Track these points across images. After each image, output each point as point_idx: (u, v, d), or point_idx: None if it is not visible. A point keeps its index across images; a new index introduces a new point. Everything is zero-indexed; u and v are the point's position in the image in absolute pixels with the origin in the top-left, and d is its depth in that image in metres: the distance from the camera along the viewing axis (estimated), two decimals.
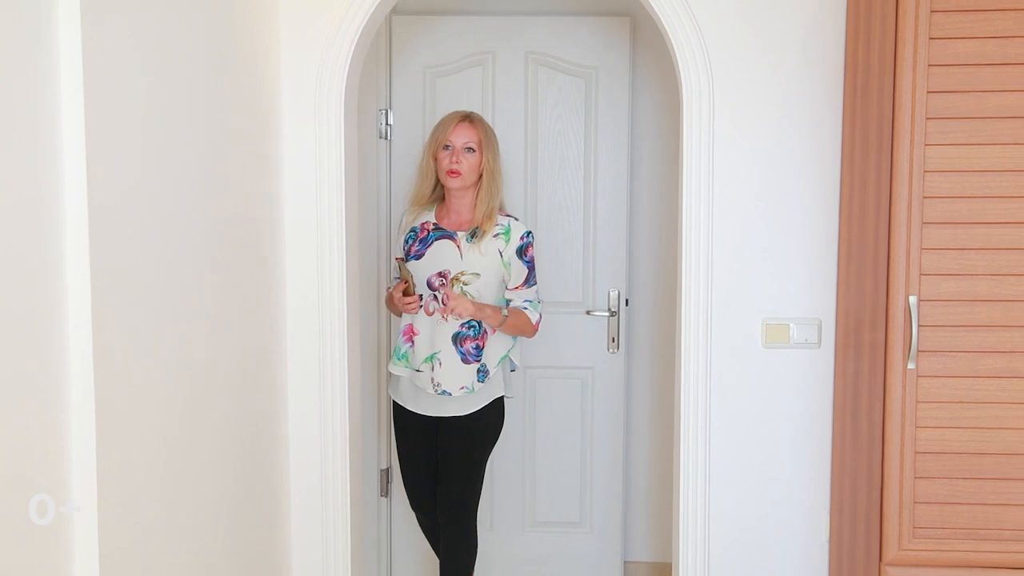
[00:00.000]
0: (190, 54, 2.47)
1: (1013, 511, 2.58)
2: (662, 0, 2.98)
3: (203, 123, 2.56)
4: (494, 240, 3.30)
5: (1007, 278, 2.52)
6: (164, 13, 2.34)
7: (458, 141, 3.28)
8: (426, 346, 3.31)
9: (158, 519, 2.33)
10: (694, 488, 3.14)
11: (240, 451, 2.82)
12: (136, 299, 2.27)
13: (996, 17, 2.44)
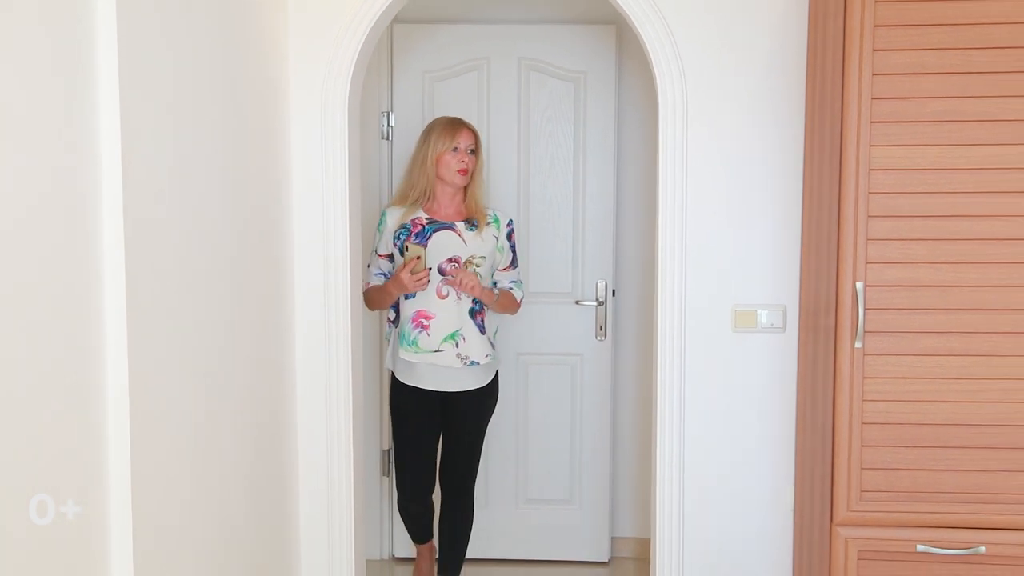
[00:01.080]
0: (211, 67, 2.66)
1: (950, 476, 2.74)
2: (641, 17, 3.18)
3: (222, 130, 2.75)
4: (488, 228, 3.60)
5: (945, 265, 2.70)
6: (188, 30, 2.53)
7: (464, 144, 3.54)
8: (445, 326, 3.51)
9: (186, 501, 2.53)
10: (670, 464, 3.34)
11: (255, 436, 3.02)
12: (166, 298, 2.43)
13: (933, 31, 2.61)
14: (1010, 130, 2.65)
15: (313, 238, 3.37)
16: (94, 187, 2.11)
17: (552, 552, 4.48)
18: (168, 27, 2.42)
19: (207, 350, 2.69)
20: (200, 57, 2.61)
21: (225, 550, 2.81)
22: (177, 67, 2.46)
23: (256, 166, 3.04)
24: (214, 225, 2.70)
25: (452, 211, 3.61)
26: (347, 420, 3.42)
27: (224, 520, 2.80)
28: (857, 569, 2.80)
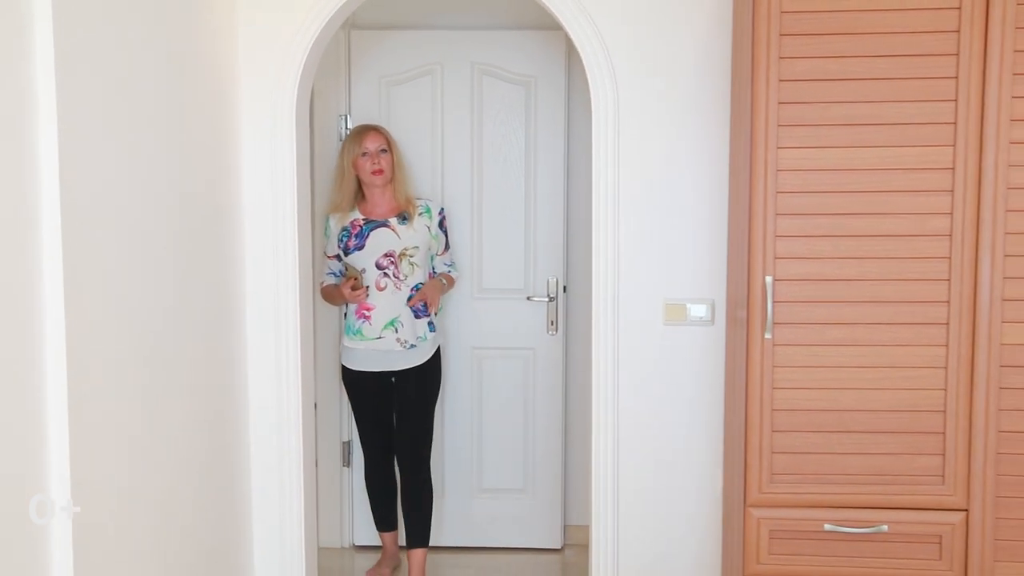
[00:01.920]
0: (154, 73, 2.80)
1: (854, 459, 2.87)
2: (575, 26, 3.35)
3: (165, 127, 2.88)
4: (420, 218, 3.96)
5: (848, 260, 2.82)
6: (128, 31, 2.66)
7: (373, 147, 3.88)
8: (385, 315, 3.91)
9: (128, 499, 2.65)
10: (605, 452, 3.51)
11: (205, 428, 3.17)
12: (106, 290, 2.55)
13: (834, 40, 2.75)
14: (906, 133, 2.79)
15: (264, 237, 3.53)
16: (35, 186, 2.24)
17: (507, 539, 4.64)
18: (108, 32, 2.55)
19: (152, 348, 2.82)
20: (142, 64, 2.74)
21: (173, 540, 2.94)
22: (118, 73, 2.60)
23: (205, 168, 3.19)
24: (160, 223, 2.84)
25: (384, 208, 3.95)
26: (297, 410, 3.57)
27: (172, 510, 2.93)
28: (769, 547, 2.93)
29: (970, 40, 2.75)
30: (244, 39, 3.47)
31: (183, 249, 3.04)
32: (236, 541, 3.52)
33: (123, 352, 2.68)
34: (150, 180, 2.79)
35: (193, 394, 3.14)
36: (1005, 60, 2.74)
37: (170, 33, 2.96)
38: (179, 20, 3.02)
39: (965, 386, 2.85)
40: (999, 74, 2.74)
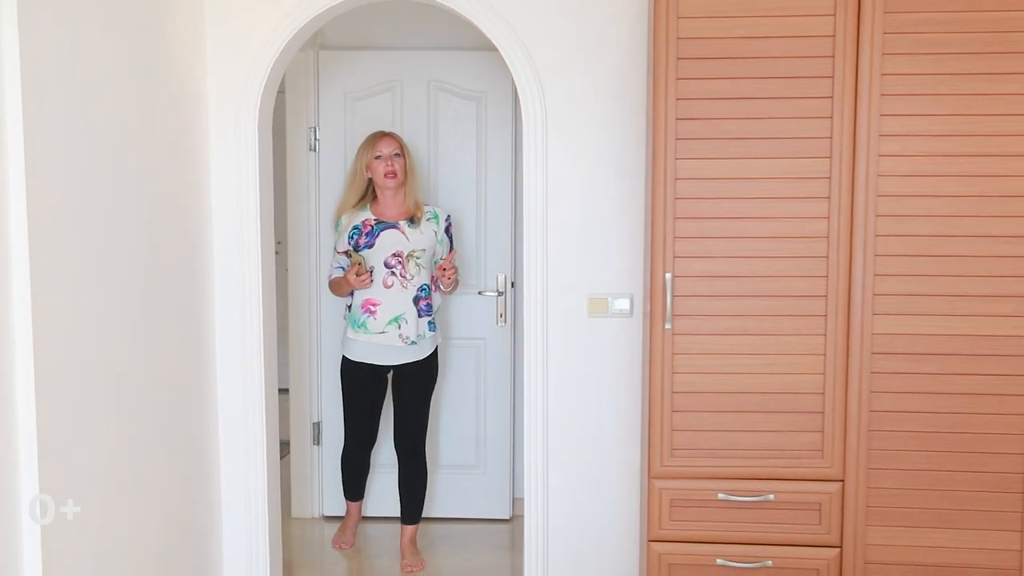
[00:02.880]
0: (121, 86, 2.87)
1: (745, 436, 2.97)
2: (507, 47, 3.45)
3: (132, 135, 2.96)
4: (428, 223, 3.93)
5: (738, 259, 2.92)
6: (93, 39, 2.73)
7: (387, 151, 3.86)
8: (390, 311, 3.88)
9: (101, 484, 2.74)
10: (536, 431, 3.61)
11: (175, 412, 3.24)
12: (75, 287, 2.62)
13: (725, 63, 2.85)
14: (789, 146, 2.88)
15: (229, 235, 3.62)
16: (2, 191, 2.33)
17: (461, 510, 4.77)
18: (72, 38, 2.62)
19: (119, 343, 2.90)
20: (108, 71, 2.82)
21: (148, 517, 3.06)
22: (83, 80, 2.67)
23: (173, 170, 3.27)
24: (128, 222, 2.93)
25: (395, 211, 3.91)
26: (261, 395, 3.67)
27: (145, 493, 3.03)
28: (670, 514, 3.02)
29: (843, 64, 2.85)
30: (212, 52, 3.54)
31: (151, 247, 3.12)
32: (206, 516, 3.62)
33: (95, 346, 2.76)
34: (117, 181, 2.87)
35: (163, 384, 3.22)
36: (874, 82, 2.85)
37: (137, 44, 3.03)
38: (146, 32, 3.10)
39: (841, 371, 2.95)
40: (868, 94, 2.85)
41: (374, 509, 4.66)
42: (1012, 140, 2.83)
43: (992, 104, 2.82)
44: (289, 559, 4.32)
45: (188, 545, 3.43)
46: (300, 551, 4.47)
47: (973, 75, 2.82)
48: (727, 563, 3.02)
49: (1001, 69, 2.81)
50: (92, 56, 2.75)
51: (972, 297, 2.89)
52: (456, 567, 4.25)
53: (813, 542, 3.01)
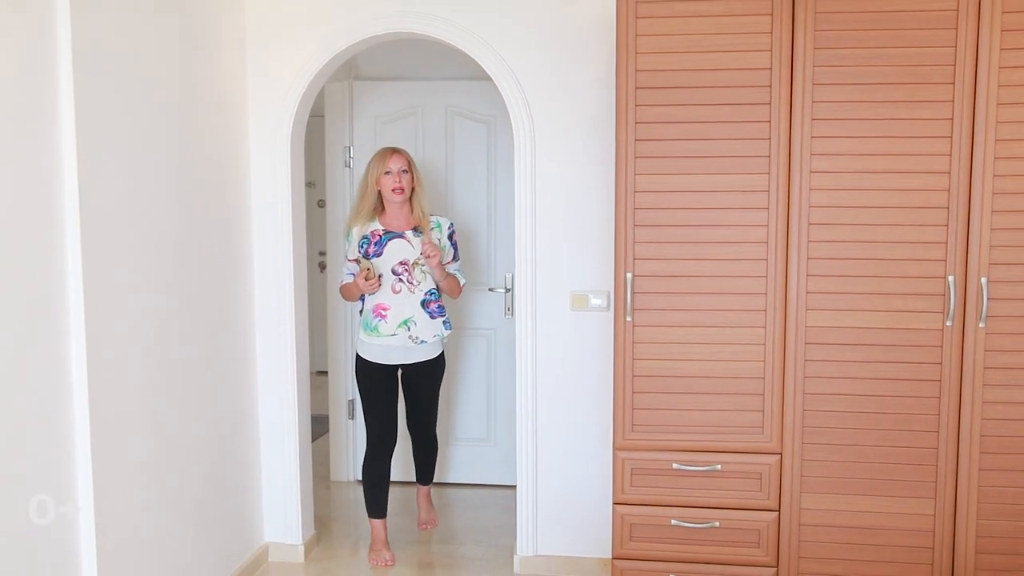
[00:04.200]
0: (168, 105, 3.00)
1: (696, 414, 3.03)
2: (499, 77, 3.57)
3: (179, 148, 3.09)
4: (431, 233, 3.72)
5: (689, 261, 2.98)
6: (145, 69, 2.86)
7: (396, 167, 3.65)
8: (399, 315, 3.69)
9: (155, 454, 2.86)
10: (528, 409, 3.73)
11: (221, 394, 3.35)
12: (123, 290, 2.74)
13: (677, 92, 2.91)
14: (733, 163, 2.94)
15: (265, 242, 3.77)
16: (59, 200, 2.48)
17: (474, 477, 4.87)
18: (125, 72, 2.76)
19: (169, 330, 3.03)
20: (158, 94, 2.95)
21: (196, 481, 3.17)
22: (136, 111, 2.81)
23: (217, 183, 3.41)
24: (173, 226, 3.05)
25: (402, 221, 3.72)
26: (294, 377, 3.81)
27: (198, 462, 3.16)
28: (631, 481, 3.09)
29: (779, 93, 2.91)
30: (252, 81, 3.70)
31: (197, 250, 3.26)
32: (249, 479, 3.77)
33: (146, 335, 2.89)
34: (166, 193, 3.02)
35: (209, 363, 3.36)
36: (805, 108, 2.90)
37: (186, 74, 3.17)
38: (194, 64, 3.24)
39: (779, 359, 3.00)
40: (801, 119, 2.91)
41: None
42: (925, 159, 2.87)
43: (907, 127, 2.87)
44: (326, 515, 4.47)
45: (228, 499, 3.58)
46: (335, 508, 4.62)
47: (891, 102, 2.86)
48: (680, 523, 3.08)
49: (915, 98, 2.85)
50: (144, 84, 2.89)
51: (892, 295, 2.93)
52: (467, 525, 4.35)
53: (755, 506, 3.06)
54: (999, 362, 2.89)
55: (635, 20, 2.95)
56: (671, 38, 2.94)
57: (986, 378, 2.90)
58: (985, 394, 2.90)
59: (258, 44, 3.67)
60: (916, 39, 2.82)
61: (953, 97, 2.83)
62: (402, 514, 4.46)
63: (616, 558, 3.14)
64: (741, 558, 3.07)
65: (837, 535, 3.03)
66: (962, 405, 2.92)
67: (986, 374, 2.90)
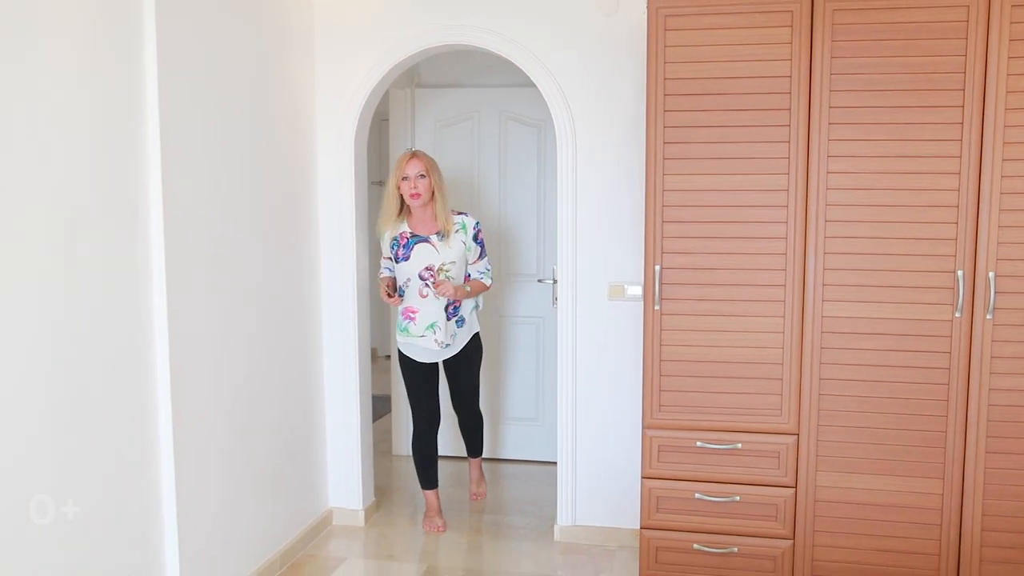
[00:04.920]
0: (243, 124, 3.16)
1: (719, 396, 3.09)
2: (544, 84, 3.67)
3: (252, 152, 3.25)
4: (456, 235, 3.68)
5: (713, 255, 3.04)
6: (223, 80, 3.02)
7: (412, 172, 3.59)
8: (426, 318, 3.70)
9: (239, 424, 3.06)
10: (568, 391, 3.82)
11: (293, 374, 3.52)
12: (203, 282, 2.90)
13: (703, 98, 2.98)
14: (755, 164, 3.00)
15: (331, 234, 3.93)
16: (144, 199, 2.66)
17: (523, 454, 4.98)
18: (206, 87, 2.93)
19: (246, 316, 3.19)
20: (235, 117, 3.12)
21: (275, 450, 3.34)
22: (215, 117, 2.97)
23: (287, 185, 3.57)
24: (253, 217, 3.21)
25: (427, 224, 3.68)
26: (355, 357, 3.96)
27: (274, 428, 3.32)
28: (658, 457, 3.18)
29: (798, 99, 2.96)
30: (320, 89, 3.87)
31: (270, 244, 3.43)
32: (316, 450, 3.95)
33: (224, 322, 3.05)
34: (238, 189, 3.18)
35: (282, 352, 3.52)
36: (823, 113, 2.95)
37: (260, 83, 3.34)
38: (268, 73, 3.40)
39: (796, 346, 3.06)
40: (819, 123, 2.96)
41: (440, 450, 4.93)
42: (936, 160, 2.90)
43: (920, 131, 2.90)
44: (387, 485, 4.65)
45: (298, 468, 3.77)
46: (396, 479, 4.79)
47: (904, 108, 2.90)
48: (703, 497, 3.16)
49: (927, 103, 2.88)
50: (221, 92, 3.06)
51: (904, 288, 2.96)
52: (515, 497, 4.48)
53: (773, 483, 3.12)
54: (1005, 352, 2.90)
55: (664, 32, 3.03)
56: (697, 49, 3.01)
57: (993, 367, 2.92)
58: (992, 382, 2.92)
59: (325, 56, 3.85)
60: (928, 49, 2.85)
61: (963, 103, 2.85)
62: (455, 486, 4.61)
63: (644, 528, 3.23)
64: (759, 530, 3.14)
65: (850, 511, 3.07)
66: (970, 392, 2.94)
67: (993, 363, 2.92)
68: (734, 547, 3.15)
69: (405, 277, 3.69)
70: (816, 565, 3.11)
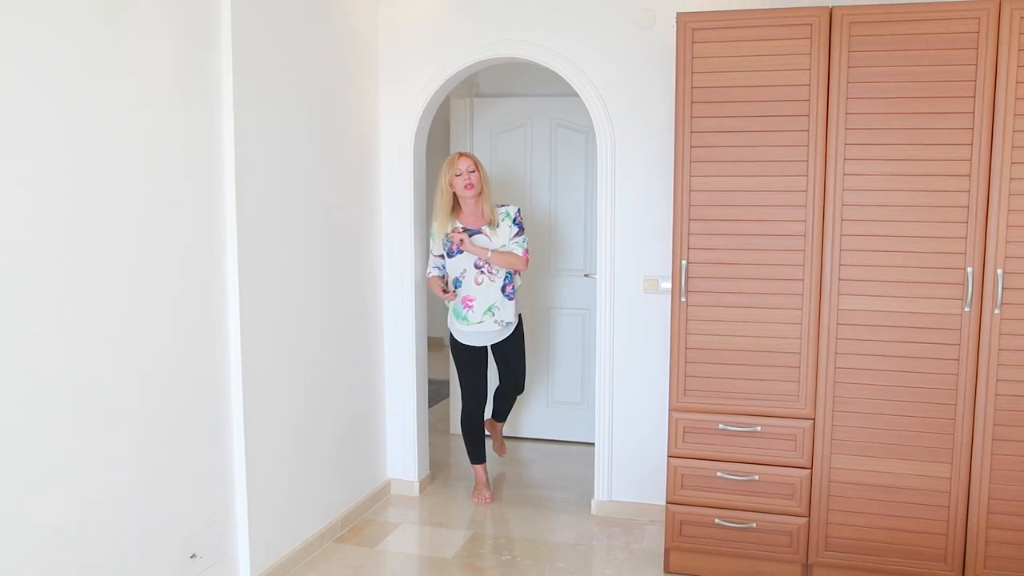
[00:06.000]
0: (313, 130, 3.29)
1: (740, 382, 3.13)
2: (585, 93, 3.74)
3: (321, 155, 3.39)
4: (503, 223, 3.81)
5: (736, 251, 3.08)
6: (294, 84, 3.17)
7: (464, 167, 3.73)
8: (484, 304, 3.81)
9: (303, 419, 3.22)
10: (604, 377, 3.89)
11: (358, 358, 3.68)
12: (276, 274, 3.05)
13: (727, 105, 3.02)
14: (775, 167, 3.04)
15: (392, 230, 4.07)
16: (219, 197, 2.85)
17: (570, 435, 5.06)
18: (275, 101, 3.08)
19: (315, 306, 3.34)
20: (305, 125, 3.27)
21: (340, 428, 3.49)
22: (288, 129, 3.13)
23: (352, 186, 3.72)
24: (320, 221, 3.35)
25: (477, 218, 3.81)
26: (412, 344, 4.09)
27: (341, 412, 3.45)
28: (683, 438, 3.23)
29: (816, 107, 2.99)
30: (383, 99, 4.01)
31: (337, 238, 3.58)
32: (377, 426, 4.10)
33: (294, 311, 3.21)
34: (307, 188, 3.34)
35: (347, 337, 3.66)
36: (840, 119, 2.97)
37: (327, 90, 3.49)
38: (335, 82, 3.55)
39: (813, 337, 3.08)
40: (836, 128, 2.98)
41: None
42: (947, 163, 2.90)
43: (932, 136, 2.90)
44: (443, 460, 4.79)
45: (359, 441, 3.93)
46: (451, 455, 4.93)
47: (917, 114, 2.90)
48: (725, 475, 3.21)
49: (939, 110, 2.88)
50: (294, 104, 3.22)
51: (915, 283, 2.97)
52: (558, 474, 4.57)
53: (790, 464, 3.15)
54: (1012, 344, 2.89)
55: (692, 45, 3.09)
56: (723, 60, 3.06)
57: (1000, 359, 2.91)
58: (999, 373, 2.91)
59: (388, 68, 4.00)
60: (940, 58, 2.85)
61: (974, 109, 2.85)
62: (504, 464, 4.73)
63: (670, 502, 3.29)
64: (777, 507, 3.17)
65: (862, 492, 3.09)
66: (978, 382, 2.93)
67: (1000, 355, 2.91)
68: (752, 523, 3.19)
69: (461, 269, 3.77)
70: (829, 541, 3.14)
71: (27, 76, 2.09)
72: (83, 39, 2.26)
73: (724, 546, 3.23)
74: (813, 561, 3.15)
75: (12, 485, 2.10)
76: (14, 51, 2.05)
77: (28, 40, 2.09)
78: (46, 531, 2.21)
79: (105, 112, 2.34)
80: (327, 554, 3.51)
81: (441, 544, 3.64)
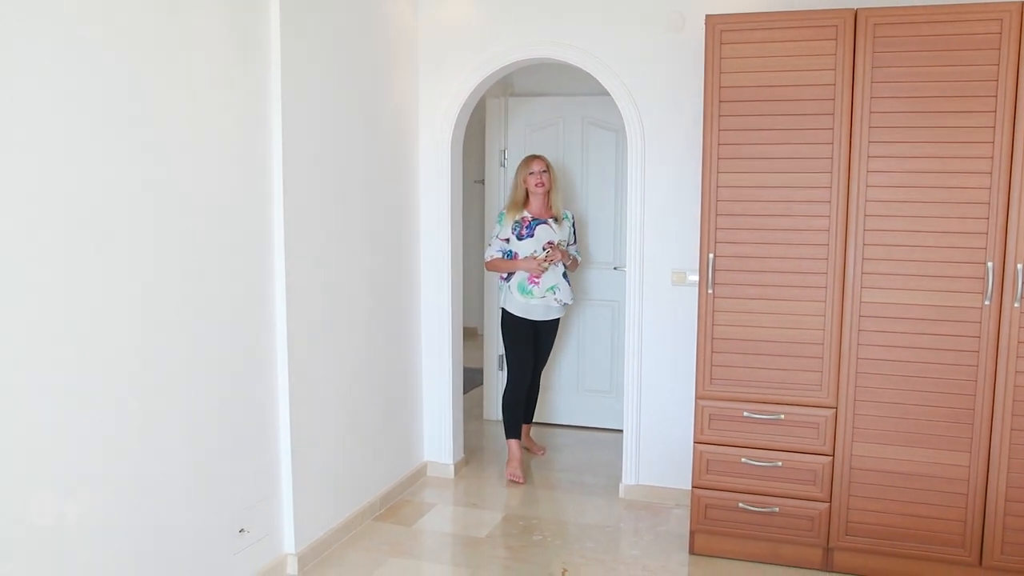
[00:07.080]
0: (355, 127, 3.36)
1: (764, 372, 3.15)
2: (617, 93, 3.77)
3: (363, 151, 3.46)
4: (565, 221, 4.17)
5: (762, 244, 3.10)
6: (339, 83, 3.24)
7: (537, 168, 4.08)
8: (547, 283, 4.07)
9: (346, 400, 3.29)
10: (633, 366, 3.93)
11: (395, 351, 3.75)
12: (318, 266, 3.12)
13: (754, 105, 3.04)
14: (800, 164, 3.06)
15: (429, 222, 4.14)
16: (267, 196, 2.92)
17: (599, 422, 5.11)
18: (321, 101, 3.14)
19: (358, 299, 3.42)
20: (346, 124, 3.32)
21: (377, 413, 3.57)
22: (334, 131, 3.19)
23: (393, 181, 3.79)
24: (358, 214, 3.43)
25: (544, 210, 4.13)
26: (449, 335, 4.16)
27: (378, 400, 3.51)
28: (709, 425, 3.27)
29: (841, 105, 3.00)
30: (423, 96, 4.08)
31: (378, 232, 3.65)
32: (414, 411, 4.17)
33: (338, 301, 3.29)
34: (349, 184, 3.40)
35: (386, 325, 3.74)
36: (864, 117, 2.99)
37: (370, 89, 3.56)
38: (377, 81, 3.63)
39: (836, 328, 3.10)
40: (860, 126, 2.99)
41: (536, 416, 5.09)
42: (968, 161, 2.90)
43: (954, 134, 2.90)
44: (477, 445, 4.86)
45: (398, 425, 4.01)
46: (485, 440, 4.99)
47: (939, 113, 2.91)
48: (749, 461, 3.24)
49: (960, 109, 2.88)
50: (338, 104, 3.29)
51: (937, 277, 2.97)
52: (588, 459, 4.62)
53: (812, 451, 3.17)
54: None
55: (720, 46, 3.11)
56: (750, 60, 3.09)
57: (1020, 351, 2.90)
58: (1019, 364, 2.91)
59: (427, 69, 4.07)
60: (962, 59, 2.85)
61: (995, 108, 2.84)
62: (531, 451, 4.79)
63: (695, 487, 3.33)
64: (799, 492, 3.19)
65: (882, 479, 3.10)
66: (997, 373, 2.93)
67: (1020, 347, 2.90)
68: (775, 507, 3.22)
69: (531, 251, 4.04)
70: (850, 526, 3.16)
71: (89, 88, 2.17)
72: (144, 52, 2.34)
73: (747, 529, 3.26)
74: (833, 545, 3.17)
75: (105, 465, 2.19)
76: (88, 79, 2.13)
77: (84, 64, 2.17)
78: (117, 503, 2.31)
79: (176, 114, 2.42)
80: (366, 531, 3.60)
81: (475, 524, 3.71)
